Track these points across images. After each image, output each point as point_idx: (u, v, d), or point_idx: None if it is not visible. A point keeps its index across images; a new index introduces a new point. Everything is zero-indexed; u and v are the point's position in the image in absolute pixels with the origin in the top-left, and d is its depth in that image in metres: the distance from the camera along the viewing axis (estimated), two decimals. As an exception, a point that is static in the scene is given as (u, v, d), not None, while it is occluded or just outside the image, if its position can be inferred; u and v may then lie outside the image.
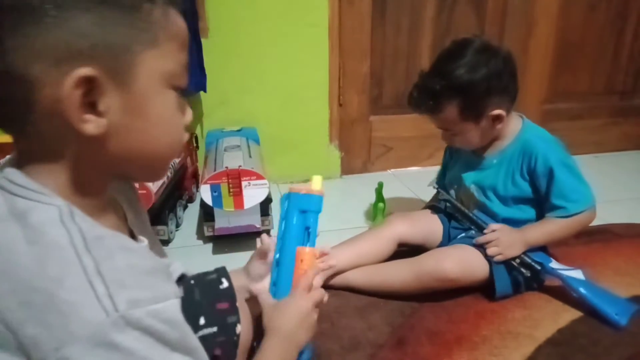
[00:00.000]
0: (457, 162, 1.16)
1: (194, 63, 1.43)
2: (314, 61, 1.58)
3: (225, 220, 1.23)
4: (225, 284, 0.63)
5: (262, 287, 0.73)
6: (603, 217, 1.36)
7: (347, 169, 1.76)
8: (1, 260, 0.37)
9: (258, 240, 0.79)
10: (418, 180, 1.56)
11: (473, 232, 1.07)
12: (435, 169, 1.28)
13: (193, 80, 1.44)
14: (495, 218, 1.06)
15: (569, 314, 0.97)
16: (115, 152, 0.43)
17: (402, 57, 1.69)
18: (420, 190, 1.55)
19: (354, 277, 1.04)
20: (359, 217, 1.41)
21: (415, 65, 1.70)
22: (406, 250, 1.11)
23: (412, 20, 1.65)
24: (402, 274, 1.01)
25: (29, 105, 0.38)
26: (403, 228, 1.11)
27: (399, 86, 1.71)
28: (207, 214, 1.24)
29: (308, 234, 0.71)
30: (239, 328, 0.60)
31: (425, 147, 1.75)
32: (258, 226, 1.25)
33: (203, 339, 0.52)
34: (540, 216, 1.04)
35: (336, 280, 1.04)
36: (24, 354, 0.36)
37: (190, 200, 1.50)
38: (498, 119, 0.99)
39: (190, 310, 0.51)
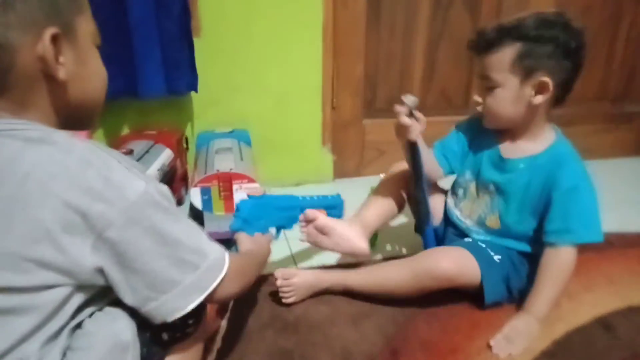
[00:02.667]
0: (479, 149, 1.09)
1: (184, 62, 1.40)
2: (307, 63, 1.56)
3: (215, 225, 1.20)
4: None
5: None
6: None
7: (340, 172, 1.74)
8: (49, 166, 0.50)
9: None
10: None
11: (469, 239, 1.07)
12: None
13: (184, 80, 1.41)
14: (506, 220, 1.02)
15: (563, 325, 0.96)
16: (72, 96, 0.57)
17: (396, 60, 1.68)
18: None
19: (351, 279, 1.03)
20: (351, 222, 1.39)
21: (409, 68, 1.70)
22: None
23: (406, 22, 1.64)
24: (399, 272, 1.00)
25: (10, 67, 0.51)
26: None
27: (393, 89, 1.69)
28: (195, 217, 1.21)
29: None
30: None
31: (419, 152, 1.73)
32: (249, 231, 1.23)
33: None
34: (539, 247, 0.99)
35: (334, 283, 1.03)
36: (93, 232, 0.51)
37: (179, 203, 1.47)
38: (542, 89, 0.94)
39: None
